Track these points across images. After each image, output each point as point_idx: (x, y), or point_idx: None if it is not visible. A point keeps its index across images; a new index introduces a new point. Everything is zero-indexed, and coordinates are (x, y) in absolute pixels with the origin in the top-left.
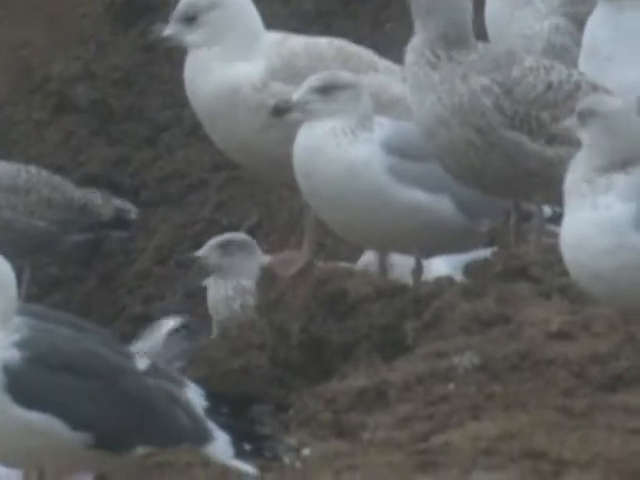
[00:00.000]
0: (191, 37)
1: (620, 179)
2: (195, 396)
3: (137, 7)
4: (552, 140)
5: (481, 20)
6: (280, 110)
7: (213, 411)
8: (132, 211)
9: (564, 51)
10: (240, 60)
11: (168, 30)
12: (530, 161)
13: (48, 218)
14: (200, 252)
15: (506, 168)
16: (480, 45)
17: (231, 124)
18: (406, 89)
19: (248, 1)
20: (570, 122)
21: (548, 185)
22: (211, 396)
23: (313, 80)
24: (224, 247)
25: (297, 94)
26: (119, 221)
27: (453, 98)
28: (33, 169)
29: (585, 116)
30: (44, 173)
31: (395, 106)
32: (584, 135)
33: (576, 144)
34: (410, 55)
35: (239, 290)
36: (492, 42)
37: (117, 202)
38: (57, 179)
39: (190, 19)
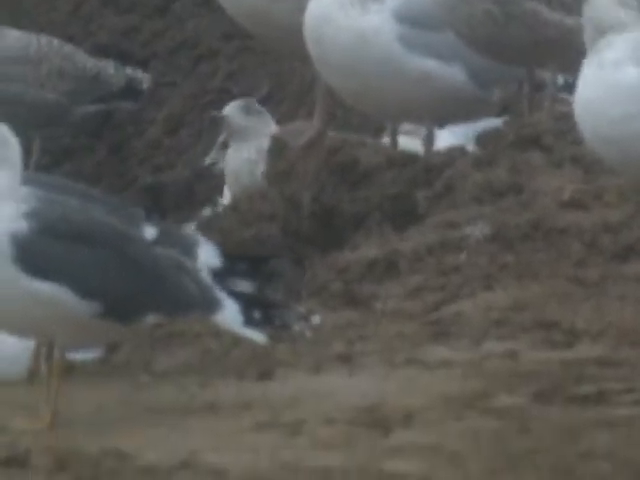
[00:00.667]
0: None
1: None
2: (209, 255)
3: None
4: (571, 9)
5: None
6: None
7: (229, 269)
8: (144, 80)
9: None
10: None
11: None
12: (549, 30)
13: (59, 89)
14: (225, 111)
15: (525, 37)
16: None
17: None
18: None
19: None
20: None
21: (565, 53)
22: (227, 254)
23: None
24: (246, 108)
25: None
26: (131, 91)
27: None
28: (44, 38)
29: None
30: (55, 42)
31: None
32: None
33: None
34: None
35: (262, 153)
36: None
37: (130, 71)
38: (69, 48)
39: None
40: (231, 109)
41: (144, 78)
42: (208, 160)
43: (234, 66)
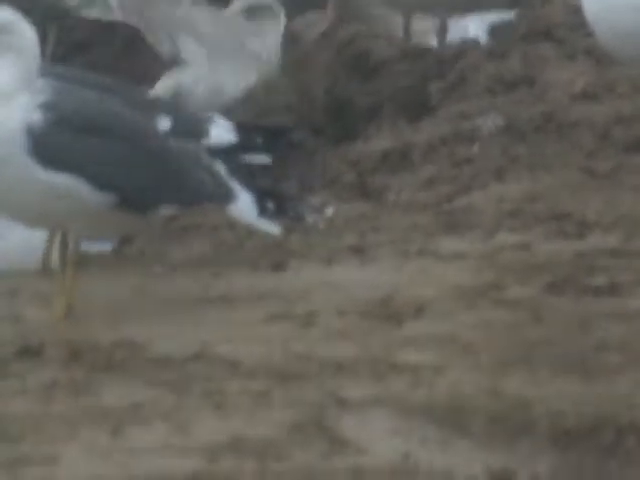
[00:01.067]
0: None
1: None
2: (223, 131)
3: None
4: None
5: None
6: None
7: (245, 144)
8: None
9: None
10: None
11: None
12: None
13: None
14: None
15: None
16: None
17: None
18: None
19: None
20: None
21: None
22: (243, 129)
23: None
24: (250, 10)
25: None
26: None
27: None
28: None
29: None
30: None
31: None
32: None
33: None
34: None
35: (265, 46)
36: None
37: None
38: None
39: None
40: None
41: None
42: None
43: None
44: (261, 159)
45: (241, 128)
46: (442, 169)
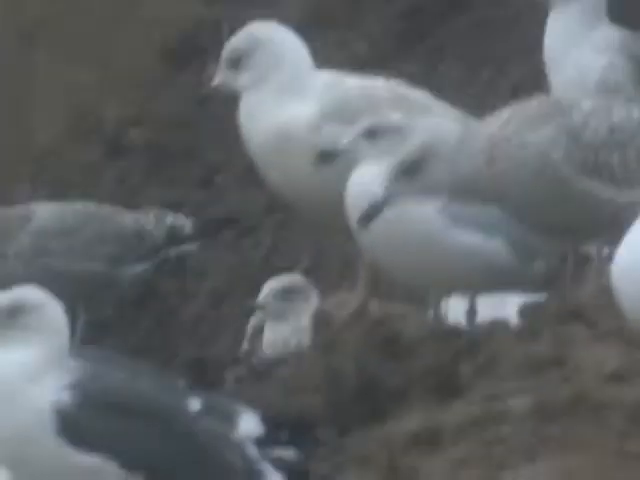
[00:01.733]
0: (239, 81)
1: None
2: (251, 424)
3: (189, 48)
4: (620, 184)
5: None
6: (327, 156)
7: (271, 438)
8: (186, 225)
9: (617, 88)
10: (292, 99)
11: (217, 79)
12: (602, 208)
13: (102, 255)
14: (259, 299)
15: (579, 215)
16: None
17: (284, 165)
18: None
19: (293, 39)
20: None
21: (617, 228)
22: (269, 422)
23: (360, 125)
24: (282, 293)
25: (345, 140)
26: (174, 239)
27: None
28: (79, 205)
29: None
30: (92, 206)
31: None
32: None
33: None
34: None
35: (296, 330)
36: (550, 71)
37: (170, 219)
38: (107, 209)
39: (235, 63)
40: (266, 295)
41: (186, 223)
42: (244, 347)
43: (276, 239)
44: (286, 454)
45: (268, 421)
46: (473, 449)
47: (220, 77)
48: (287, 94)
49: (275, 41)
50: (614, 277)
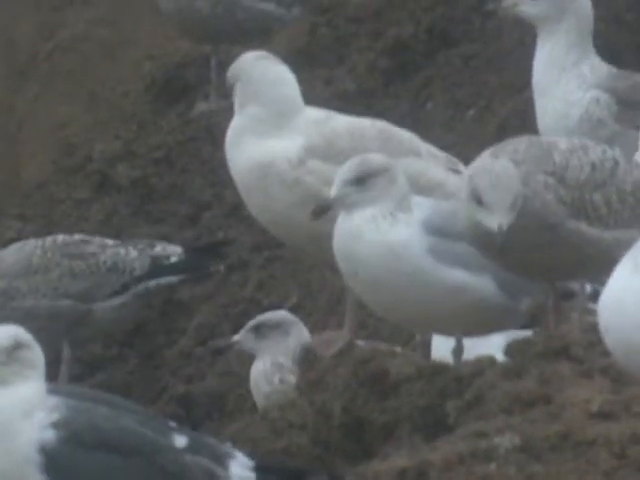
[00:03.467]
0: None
1: None
2: (241, 468)
3: (177, 86)
4: (607, 224)
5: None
6: (321, 211)
7: None
8: (174, 253)
9: (600, 124)
10: (276, 134)
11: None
12: (589, 247)
13: (73, 291)
14: (236, 337)
15: (567, 257)
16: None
17: (266, 198)
18: (447, 175)
19: (279, 73)
20: None
21: (603, 268)
22: (260, 467)
23: (346, 172)
24: (257, 330)
25: (333, 190)
26: (157, 269)
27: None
28: (48, 240)
29: None
30: (61, 240)
31: (433, 191)
32: None
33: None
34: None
35: (276, 366)
36: (537, 102)
37: (157, 249)
38: (78, 243)
39: (228, 90)
40: (243, 333)
41: (173, 251)
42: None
43: (264, 276)
44: None
45: (261, 468)
46: None
47: (205, 107)
48: (272, 128)
49: (256, 74)
50: (601, 318)
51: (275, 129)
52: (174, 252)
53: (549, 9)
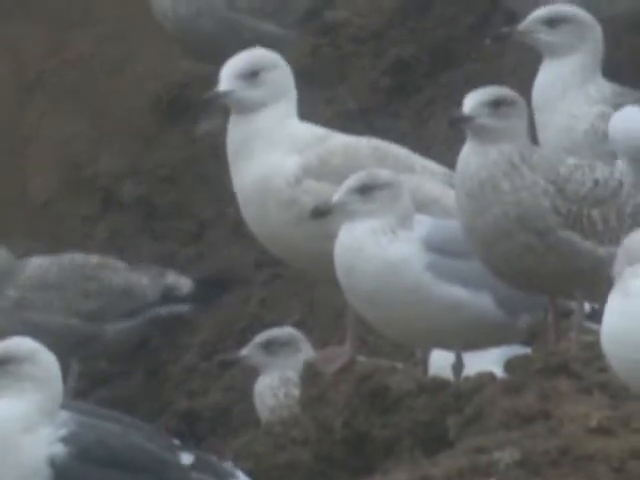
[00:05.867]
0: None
1: None
2: None
3: (182, 104)
4: (602, 239)
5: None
6: (320, 212)
7: None
8: (185, 285)
9: (605, 138)
10: (275, 149)
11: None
12: (582, 260)
13: (84, 310)
14: (244, 351)
15: (559, 268)
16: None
17: (262, 215)
18: (443, 190)
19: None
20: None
21: (596, 283)
22: None
23: (352, 181)
24: (267, 346)
25: (336, 195)
26: (168, 299)
27: (519, 209)
28: (66, 258)
29: None
30: (79, 260)
31: (429, 207)
32: None
33: None
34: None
35: (284, 380)
36: (534, 112)
37: (171, 278)
38: (94, 264)
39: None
40: (251, 348)
41: (184, 284)
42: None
43: (266, 293)
44: None
45: None
46: None
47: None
48: (270, 142)
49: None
50: (604, 340)
51: (275, 145)
52: (185, 285)
53: (568, 38)
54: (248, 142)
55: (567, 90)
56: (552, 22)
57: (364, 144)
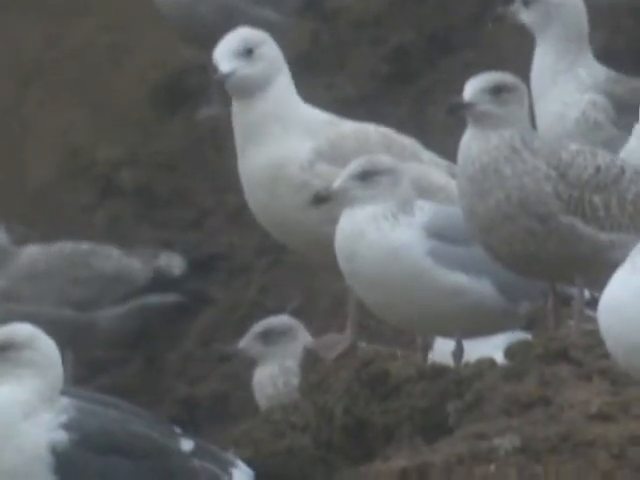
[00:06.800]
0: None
1: None
2: (243, 477)
3: (181, 92)
4: (603, 225)
5: None
6: (321, 198)
7: None
8: (177, 266)
9: (597, 127)
10: (285, 135)
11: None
12: (583, 245)
13: (75, 298)
14: (242, 343)
15: (560, 253)
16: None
17: (272, 199)
18: (448, 179)
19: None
20: None
21: (596, 269)
22: (259, 478)
23: (353, 167)
24: (264, 336)
25: (337, 182)
26: (159, 282)
27: (521, 193)
28: (56, 247)
29: None
30: (69, 248)
31: (435, 194)
32: None
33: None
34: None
35: (283, 369)
36: (535, 105)
37: (163, 259)
38: (84, 251)
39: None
40: (248, 339)
41: (177, 265)
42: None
43: (267, 280)
44: None
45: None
46: None
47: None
48: (284, 126)
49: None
50: (601, 319)
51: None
52: (178, 264)
53: (537, 17)
54: (260, 126)
55: (557, 76)
56: (527, 2)
57: (372, 130)
